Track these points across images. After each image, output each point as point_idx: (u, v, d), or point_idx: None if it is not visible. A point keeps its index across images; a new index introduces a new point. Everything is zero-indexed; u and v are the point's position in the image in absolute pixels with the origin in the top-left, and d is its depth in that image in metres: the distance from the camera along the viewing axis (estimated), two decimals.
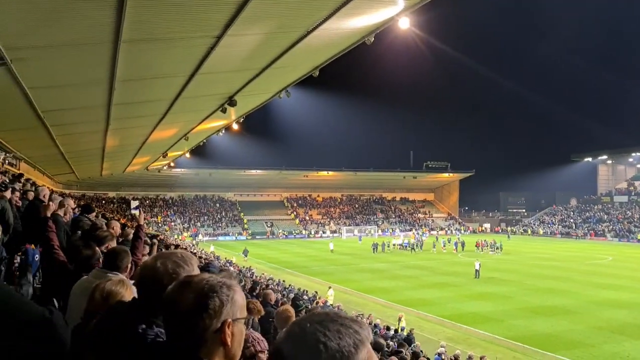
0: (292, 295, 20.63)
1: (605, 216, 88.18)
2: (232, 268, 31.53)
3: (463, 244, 59.72)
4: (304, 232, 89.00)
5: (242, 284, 15.56)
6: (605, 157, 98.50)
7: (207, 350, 1.59)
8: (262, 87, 17.72)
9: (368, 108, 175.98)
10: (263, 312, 6.43)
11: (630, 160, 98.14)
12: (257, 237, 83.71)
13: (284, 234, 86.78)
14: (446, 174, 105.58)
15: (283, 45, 12.30)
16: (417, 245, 59.87)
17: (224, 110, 19.46)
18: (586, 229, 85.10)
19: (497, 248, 56.81)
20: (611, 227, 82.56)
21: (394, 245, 62.00)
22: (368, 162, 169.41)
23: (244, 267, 36.47)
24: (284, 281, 31.35)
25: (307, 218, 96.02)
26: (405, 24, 11.57)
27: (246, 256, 49.93)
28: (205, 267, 5.60)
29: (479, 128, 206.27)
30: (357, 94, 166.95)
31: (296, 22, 10.75)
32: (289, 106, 79.74)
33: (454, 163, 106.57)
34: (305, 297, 23.63)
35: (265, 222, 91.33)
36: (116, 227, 6.96)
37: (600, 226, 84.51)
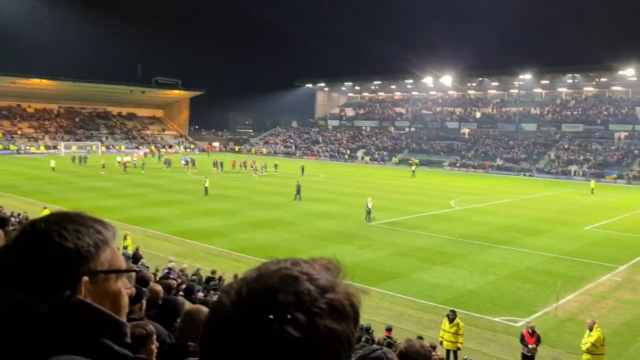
0: None
1: (320, 138, 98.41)
2: None
3: (193, 162, 61.07)
4: (11, 147, 78.02)
5: None
6: (323, 84, 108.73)
7: None
8: None
9: (94, 14, 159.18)
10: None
11: (343, 88, 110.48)
12: None
13: None
14: (176, 91, 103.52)
15: None
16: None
17: None
18: (304, 149, 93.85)
19: (263, 168, 57.51)
20: (325, 147, 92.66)
21: (118, 162, 58.99)
22: (91, 72, 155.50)
23: None
24: None
25: (16, 132, 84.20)
26: None
27: None
28: None
29: (213, 47, 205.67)
30: None
31: None
32: None
33: (185, 80, 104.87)
34: (12, 218, 20.84)
35: None
36: None
37: (316, 147, 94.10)
